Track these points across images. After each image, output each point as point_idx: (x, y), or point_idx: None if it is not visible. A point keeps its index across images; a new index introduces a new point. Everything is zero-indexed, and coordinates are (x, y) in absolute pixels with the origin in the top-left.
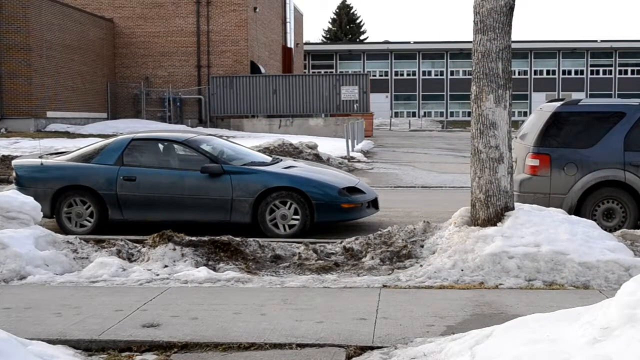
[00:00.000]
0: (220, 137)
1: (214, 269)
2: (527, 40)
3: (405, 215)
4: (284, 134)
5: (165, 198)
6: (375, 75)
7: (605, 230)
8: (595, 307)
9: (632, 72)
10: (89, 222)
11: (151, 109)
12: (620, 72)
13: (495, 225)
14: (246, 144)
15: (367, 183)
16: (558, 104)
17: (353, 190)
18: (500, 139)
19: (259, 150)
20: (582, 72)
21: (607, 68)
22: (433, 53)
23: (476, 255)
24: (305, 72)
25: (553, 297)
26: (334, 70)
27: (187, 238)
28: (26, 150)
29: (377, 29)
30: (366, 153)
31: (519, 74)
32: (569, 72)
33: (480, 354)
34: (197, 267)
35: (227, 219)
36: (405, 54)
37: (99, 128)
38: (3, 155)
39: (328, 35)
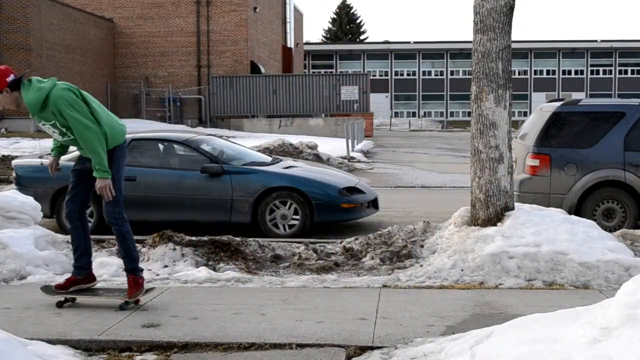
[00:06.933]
0: (220, 137)
1: (214, 269)
2: (527, 40)
3: (405, 215)
4: (284, 134)
5: (165, 198)
6: (375, 75)
7: (605, 230)
8: (595, 307)
9: (632, 72)
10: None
11: (151, 109)
12: (620, 72)
13: (495, 225)
14: (246, 144)
15: (367, 183)
16: (558, 104)
17: (353, 190)
18: (500, 139)
19: (259, 150)
20: (582, 72)
21: (607, 68)
22: (433, 53)
23: (476, 255)
24: (305, 72)
25: (553, 297)
26: (334, 70)
27: (187, 238)
28: (26, 150)
29: (377, 29)
30: (366, 153)
31: (519, 74)
32: (569, 72)
33: (480, 353)
34: (197, 267)
35: (227, 219)
36: (405, 54)
37: None
38: (3, 155)
39: (328, 35)
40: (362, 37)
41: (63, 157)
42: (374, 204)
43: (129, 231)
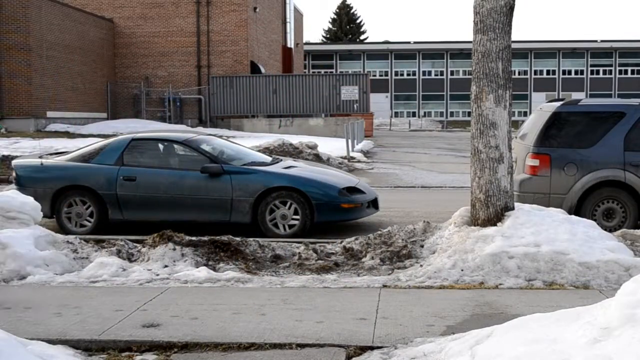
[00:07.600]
0: (220, 137)
1: (214, 269)
2: (527, 40)
3: (405, 215)
4: (284, 134)
5: (165, 198)
6: (375, 75)
7: (605, 230)
8: (595, 307)
9: (632, 72)
10: (89, 222)
11: (151, 109)
12: (620, 72)
13: (495, 225)
14: (246, 144)
15: (367, 183)
16: (558, 104)
17: (353, 190)
18: (500, 139)
19: (259, 150)
20: (582, 72)
21: (607, 68)
22: (433, 53)
23: (476, 255)
24: (305, 72)
25: (553, 297)
26: (334, 70)
27: (187, 238)
28: (26, 150)
29: (377, 29)
30: (366, 153)
31: (519, 74)
32: (569, 72)
33: (480, 353)
34: (197, 267)
35: (227, 219)
36: (405, 54)
37: (99, 128)
38: (3, 155)
39: (328, 35)
40: (362, 37)
41: (63, 157)
42: (374, 204)
43: None
